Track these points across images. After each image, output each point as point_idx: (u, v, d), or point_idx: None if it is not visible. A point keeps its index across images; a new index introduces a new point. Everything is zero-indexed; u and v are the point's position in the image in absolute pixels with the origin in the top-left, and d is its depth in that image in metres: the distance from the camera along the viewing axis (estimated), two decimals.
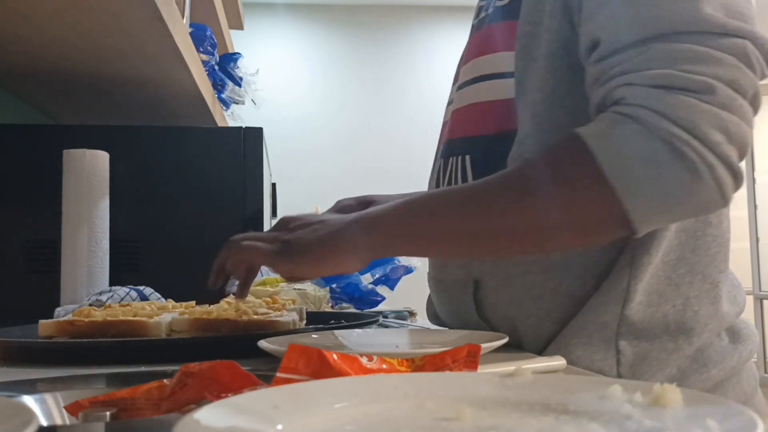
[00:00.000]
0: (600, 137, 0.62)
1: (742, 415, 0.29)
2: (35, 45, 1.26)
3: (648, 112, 0.61)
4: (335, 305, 1.55)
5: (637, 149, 0.60)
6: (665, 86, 0.61)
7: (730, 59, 0.61)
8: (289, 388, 0.36)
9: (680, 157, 0.59)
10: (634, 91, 0.62)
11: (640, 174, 0.60)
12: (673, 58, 0.62)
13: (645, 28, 0.64)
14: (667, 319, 0.73)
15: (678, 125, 0.59)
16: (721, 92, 0.60)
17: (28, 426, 0.30)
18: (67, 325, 0.81)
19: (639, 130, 0.61)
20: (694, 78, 0.60)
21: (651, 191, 0.61)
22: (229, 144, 1.49)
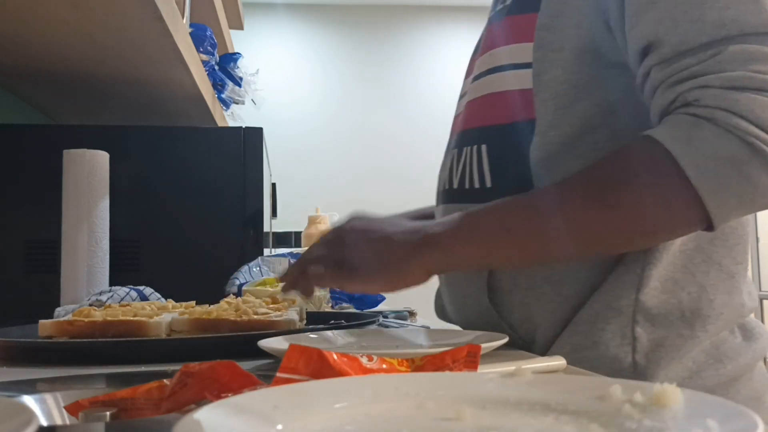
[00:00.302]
0: (680, 140, 0.63)
1: (743, 415, 0.29)
2: (35, 45, 1.26)
3: (725, 113, 0.62)
4: (335, 305, 1.55)
5: (717, 150, 0.62)
6: (740, 87, 0.63)
7: None
8: (289, 388, 0.36)
9: (760, 154, 0.61)
10: (710, 92, 0.63)
11: (722, 175, 0.62)
12: (745, 60, 0.63)
13: (713, 30, 0.65)
14: (682, 305, 0.74)
15: (755, 124, 0.61)
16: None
17: (28, 426, 0.30)
18: (67, 325, 0.81)
19: (717, 132, 0.62)
20: (766, 78, 0.62)
21: (732, 190, 0.62)
22: (229, 144, 1.49)
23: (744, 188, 0.62)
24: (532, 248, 0.72)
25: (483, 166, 0.82)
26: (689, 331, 0.74)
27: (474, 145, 0.84)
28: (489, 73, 0.84)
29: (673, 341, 0.73)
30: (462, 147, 0.87)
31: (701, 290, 0.75)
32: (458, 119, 0.92)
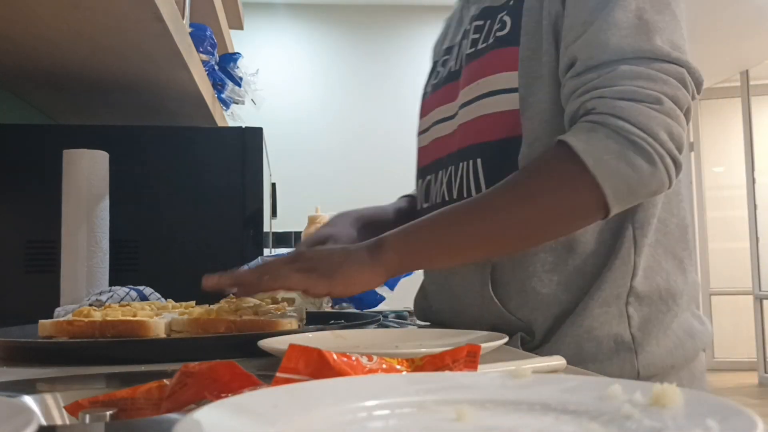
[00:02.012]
0: (581, 140, 0.82)
1: (742, 415, 0.29)
2: (35, 45, 1.26)
3: (614, 118, 0.81)
4: (335, 305, 1.55)
5: (609, 146, 0.80)
6: (627, 98, 0.81)
7: (672, 81, 0.82)
8: (289, 388, 0.36)
9: (641, 150, 0.80)
10: (603, 102, 0.82)
11: (613, 165, 0.80)
12: (633, 77, 0.82)
13: (613, 52, 0.84)
14: (659, 287, 0.92)
15: (637, 127, 0.80)
16: (666, 104, 0.81)
17: (28, 426, 0.30)
18: (66, 325, 0.81)
19: (608, 133, 0.81)
20: (648, 92, 0.81)
21: (621, 177, 0.80)
22: (229, 144, 1.49)
23: (630, 175, 0.80)
24: (473, 243, 0.88)
25: (479, 177, 0.97)
26: (666, 307, 0.92)
27: (470, 159, 0.98)
28: (478, 99, 0.98)
29: (656, 316, 0.92)
30: (459, 163, 1.00)
31: (668, 274, 0.94)
32: (425, 153, 1.12)
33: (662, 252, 0.94)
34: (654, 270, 0.93)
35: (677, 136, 0.81)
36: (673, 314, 0.93)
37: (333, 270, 0.84)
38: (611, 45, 0.83)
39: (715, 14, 4.73)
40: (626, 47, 0.83)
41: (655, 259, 0.93)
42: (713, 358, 6.57)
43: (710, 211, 6.71)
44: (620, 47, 0.83)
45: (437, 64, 1.16)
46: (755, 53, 5.62)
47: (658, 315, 0.92)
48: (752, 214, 6.02)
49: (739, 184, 6.21)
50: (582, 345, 0.89)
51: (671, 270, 0.94)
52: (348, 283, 0.85)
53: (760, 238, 5.99)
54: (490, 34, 1.00)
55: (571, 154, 0.81)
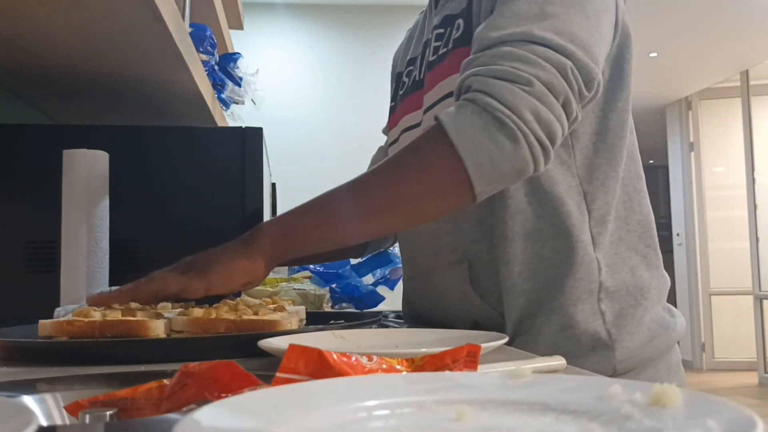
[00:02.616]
0: (451, 116, 0.83)
1: (742, 415, 0.29)
2: (35, 45, 1.26)
3: (483, 95, 0.82)
4: (335, 305, 1.55)
5: (474, 122, 0.82)
6: (499, 77, 0.82)
7: (549, 67, 0.82)
8: (289, 388, 0.36)
9: (503, 126, 0.81)
10: (479, 79, 0.84)
11: (476, 139, 0.81)
12: (510, 58, 0.83)
13: (503, 36, 0.85)
14: (626, 283, 0.95)
15: (503, 104, 0.81)
16: (536, 87, 0.81)
17: (28, 426, 0.30)
18: (66, 325, 0.81)
19: (476, 110, 0.82)
20: (519, 74, 0.82)
21: (484, 152, 0.81)
22: (229, 144, 1.49)
23: (492, 150, 0.81)
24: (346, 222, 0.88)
25: None
26: (635, 301, 0.95)
27: None
28: (442, 99, 1.00)
29: (627, 311, 0.94)
30: None
31: (632, 270, 0.97)
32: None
33: (625, 248, 0.97)
34: (618, 266, 0.95)
35: (545, 121, 0.81)
36: (644, 308, 0.95)
37: (207, 266, 0.85)
38: (505, 29, 0.85)
39: (715, 14, 4.73)
40: (517, 31, 0.85)
41: (618, 255, 0.96)
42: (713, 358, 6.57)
43: (710, 211, 6.71)
44: (512, 32, 0.85)
45: (402, 75, 1.19)
46: (755, 53, 5.62)
47: (629, 310, 0.94)
48: (752, 214, 6.02)
49: (739, 184, 6.21)
50: (558, 343, 0.91)
51: (635, 266, 0.97)
52: (224, 277, 0.86)
53: (760, 238, 5.99)
54: (449, 39, 1.03)
55: (440, 128, 0.82)
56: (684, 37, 5.14)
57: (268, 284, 1.35)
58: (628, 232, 0.98)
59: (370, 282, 1.62)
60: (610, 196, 0.95)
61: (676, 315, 1.03)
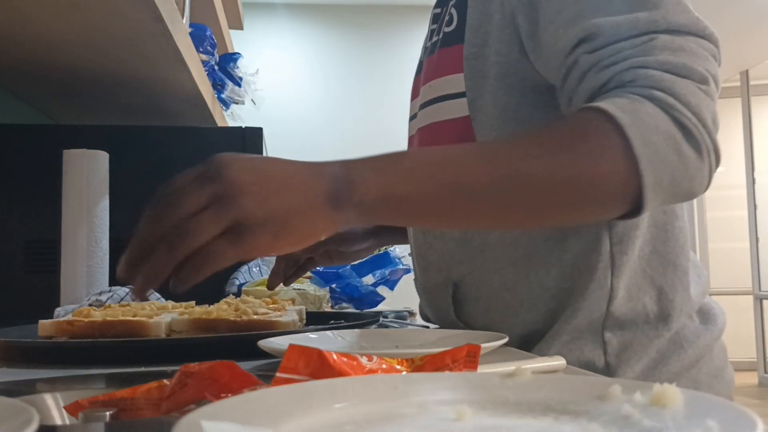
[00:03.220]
0: (627, 111, 0.64)
1: (742, 415, 0.29)
2: (35, 45, 1.26)
3: (663, 93, 0.65)
4: (335, 305, 1.55)
5: (659, 125, 0.64)
6: (674, 72, 0.66)
7: (711, 59, 0.69)
8: (289, 388, 0.36)
9: (690, 136, 0.64)
10: (648, 73, 0.66)
11: (661, 149, 0.63)
12: (675, 49, 0.67)
13: (645, 26, 0.69)
14: (646, 309, 0.80)
15: (688, 108, 0.65)
16: (711, 84, 0.67)
17: (28, 426, 0.30)
18: (66, 326, 0.81)
19: (657, 109, 0.64)
20: (695, 68, 0.67)
21: (667, 166, 0.64)
22: (229, 144, 1.49)
23: (677, 166, 0.64)
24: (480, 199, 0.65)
25: None
26: (654, 331, 0.80)
27: None
28: (431, 103, 0.90)
29: (640, 341, 0.79)
30: None
31: (660, 292, 0.81)
32: (412, 143, 0.98)
33: (658, 264, 0.81)
34: (642, 289, 0.80)
35: (718, 123, 0.68)
36: (662, 338, 0.80)
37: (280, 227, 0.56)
38: (641, 19, 0.69)
39: (715, 14, 4.73)
40: (660, 20, 0.68)
41: (645, 274, 0.80)
42: None
43: (710, 211, 6.71)
44: (652, 20, 0.69)
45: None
46: (755, 53, 5.62)
47: (643, 340, 0.79)
48: (752, 214, 6.02)
49: (739, 184, 6.21)
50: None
51: (669, 286, 0.81)
52: (297, 243, 0.59)
53: (760, 238, 5.99)
54: (441, 26, 0.91)
55: (613, 125, 0.63)
56: None
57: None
58: (667, 242, 0.82)
59: (370, 282, 1.61)
60: None
61: (712, 317, 0.85)
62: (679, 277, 0.82)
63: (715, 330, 0.85)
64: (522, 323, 0.83)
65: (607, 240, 0.79)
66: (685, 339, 0.81)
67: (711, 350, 0.84)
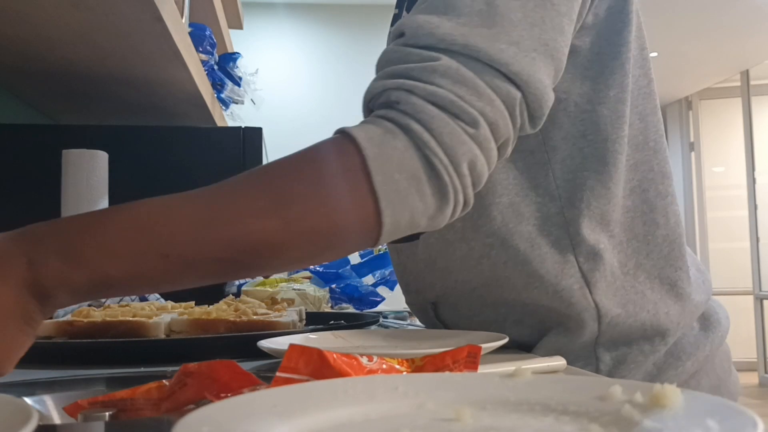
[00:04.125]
0: (374, 142, 0.59)
1: (742, 415, 0.29)
2: (35, 45, 1.26)
3: (420, 126, 0.60)
4: (335, 305, 1.55)
5: (404, 163, 0.59)
6: (440, 106, 0.60)
7: (499, 104, 0.62)
8: (288, 388, 0.36)
9: (437, 177, 0.60)
10: (412, 99, 0.61)
11: (402, 188, 0.59)
12: (455, 80, 0.61)
13: (441, 38, 0.63)
14: (644, 325, 0.76)
15: (442, 148, 0.59)
16: (481, 130, 0.61)
17: (28, 425, 0.30)
18: (66, 326, 0.81)
19: (408, 144, 0.60)
20: (465, 108, 0.60)
21: (407, 205, 0.59)
22: (228, 144, 1.49)
23: (416, 206, 0.60)
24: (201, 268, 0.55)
25: None
26: (650, 346, 0.76)
27: None
28: None
29: (635, 357, 0.76)
30: None
31: (656, 306, 0.76)
32: None
33: (645, 278, 0.77)
34: (639, 304, 0.76)
35: (479, 174, 0.62)
36: (658, 353, 0.77)
37: None
38: (441, 28, 0.63)
39: (715, 14, 4.73)
40: (458, 37, 0.63)
41: (637, 290, 0.76)
42: None
43: (710, 211, 6.71)
44: (450, 34, 0.63)
45: None
46: (755, 53, 5.62)
47: (638, 356, 0.76)
48: (752, 214, 6.02)
49: (739, 184, 6.21)
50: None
51: (660, 300, 0.77)
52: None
53: (760, 238, 5.99)
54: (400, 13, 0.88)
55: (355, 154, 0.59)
56: (684, 37, 5.15)
57: (268, 284, 1.35)
58: (649, 255, 0.78)
59: (370, 282, 1.62)
60: (604, 220, 0.76)
61: (713, 323, 0.82)
62: (667, 290, 0.78)
63: (717, 337, 0.81)
64: (511, 335, 0.78)
65: (573, 261, 0.75)
66: (683, 351, 0.78)
67: (712, 360, 0.81)
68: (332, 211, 0.58)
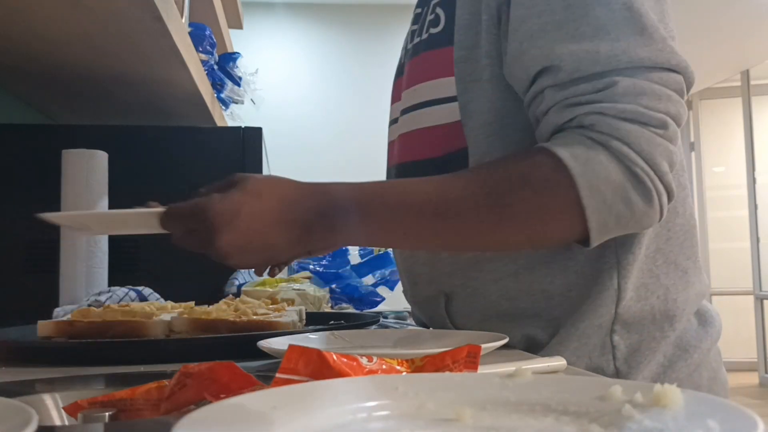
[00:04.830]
0: (579, 159, 0.68)
1: (743, 415, 0.29)
2: (35, 45, 1.25)
3: (618, 142, 0.68)
4: (335, 305, 1.55)
5: (609, 175, 0.68)
6: (631, 120, 0.69)
7: (675, 96, 0.71)
8: (288, 388, 0.36)
9: (641, 185, 0.69)
10: (606, 120, 0.69)
11: (608, 198, 0.68)
12: (636, 94, 0.69)
13: (606, 61, 0.70)
14: (653, 310, 0.79)
15: (641, 157, 0.68)
16: (671, 127, 0.70)
17: (28, 426, 0.30)
18: (65, 326, 0.81)
19: (610, 158, 0.68)
20: (654, 114, 0.69)
21: (613, 213, 0.69)
22: (228, 144, 1.49)
23: (623, 213, 0.69)
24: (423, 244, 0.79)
25: None
26: (660, 333, 0.79)
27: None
28: (415, 108, 0.87)
29: (647, 344, 0.79)
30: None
31: (666, 291, 0.80)
32: (393, 147, 0.95)
33: (663, 263, 0.81)
34: (650, 289, 0.79)
35: (675, 163, 0.71)
36: (668, 341, 0.80)
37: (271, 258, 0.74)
38: (602, 52, 0.70)
39: (715, 14, 4.73)
40: (621, 55, 0.70)
41: (652, 274, 0.80)
42: None
43: (710, 211, 6.71)
44: (613, 55, 0.70)
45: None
46: (755, 53, 5.62)
47: (650, 343, 0.79)
48: (752, 214, 6.02)
49: (739, 184, 6.21)
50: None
51: (672, 285, 0.80)
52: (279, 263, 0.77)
53: (760, 238, 5.99)
54: (425, 27, 0.88)
55: (563, 172, 0.68)
56: (684, 37, 5.15)
57: (268, 284, 1.35)
58: (669, 241, 0.81)
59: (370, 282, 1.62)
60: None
61: (709, 320, 0.86)
62: (679, 276, 0.81)
63: (714, 333, 0.85)
64: (522, 331, 0.81)
65: (612, 242, 0.77)
66: (689, 344, 0.81)
67: (709, 353, 0.84)
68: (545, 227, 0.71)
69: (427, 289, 0.89)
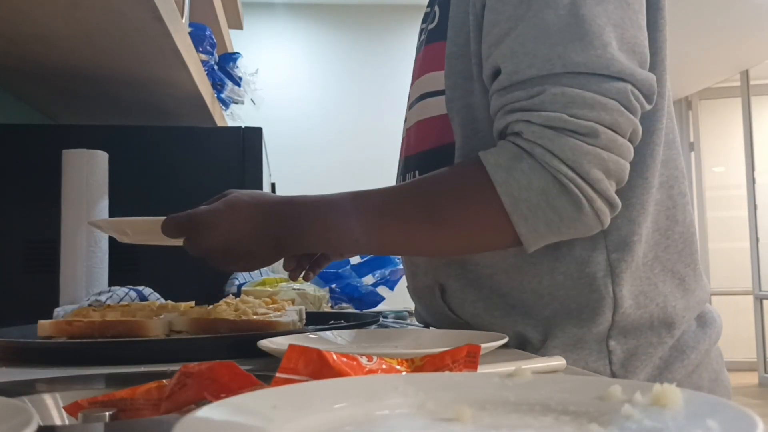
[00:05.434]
0: (502, 168, 0.71)
1: (743, 415, 0.29)
2: (35, 45, 1.26)
3: (542, 150, 0.69)
4: (335, 305, 1.55)
5: (531, 183, 0.69)
6: (557, 128, 0.69)
7: (612, 104, 0.69)
8: (288, 388, 0.36)
9: (566, 191, 0.69)
10: (531, 129, 0.70)
11: (533, 204, 0.70)
12: (564, 103, 0.69)
13: (541, 64, 0.70)
14: (652, 317, 0.79)
15: (565, 164, 0.68)
16: (603, 135, 0.68)
17: (28, 426, 0.30)
18: (66, 326, 0.81)
19: (534, 166, 0.70)
20: (581, 123, 0.68)
21: (540, 219, 0.70)
22: (228, 144, 1.49)
23: (552, 219, 0.70)
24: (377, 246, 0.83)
25: None
26: (657, 339, 0.79)
27: (413, 171, 0.90)
28: (417, 101, 0.89)
29: (644, 349, 0.79)
30: (405, 174, 0.93)
31: (665, 299, 0.80)
32: (403, 144, 0.98)
33: (660, 271, 0.80)
34: (649, 296, 0.79)
35: (616, 172, 0.70)
36: (665, 345, 0.80)
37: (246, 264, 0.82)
38: (539, 56, 0.70)
39: (715, 14, 4.73)
40: (555, 60, 0.69)
41: (651, 282, 0.79)
42: None
43: (710, 211, 6.71)
44: (548, 59, 0.70)
45: None
46: (755, 53, 5.62)
47: (647, 348, 0.79)
48: (752, 214, 6.02)
49: (739, 184, 6.21)
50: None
51: (670, 293, 0.80)
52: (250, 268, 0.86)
53: (760, 238, 5.99)
54: (427, 23, 0.91)
55: (488, 183, 0.71)
56: (684, 37, 5.15)
57: (268, 284, 1.35)
58: (667, 249, 0.81)
59: (370, 282, 1.62)
60: (635, 211, 0.78)
61: (709, 322, 0.85)
62: (676, 284, 0.81)
63: (714, 334, 0.85)
64: (514, 328, 0.81)
65: (603, 248, 0.77)
66: (687, 345, 0.81)
67: (709, 354, 0.84)
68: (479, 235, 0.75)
69: (424, 279, 0.90)
